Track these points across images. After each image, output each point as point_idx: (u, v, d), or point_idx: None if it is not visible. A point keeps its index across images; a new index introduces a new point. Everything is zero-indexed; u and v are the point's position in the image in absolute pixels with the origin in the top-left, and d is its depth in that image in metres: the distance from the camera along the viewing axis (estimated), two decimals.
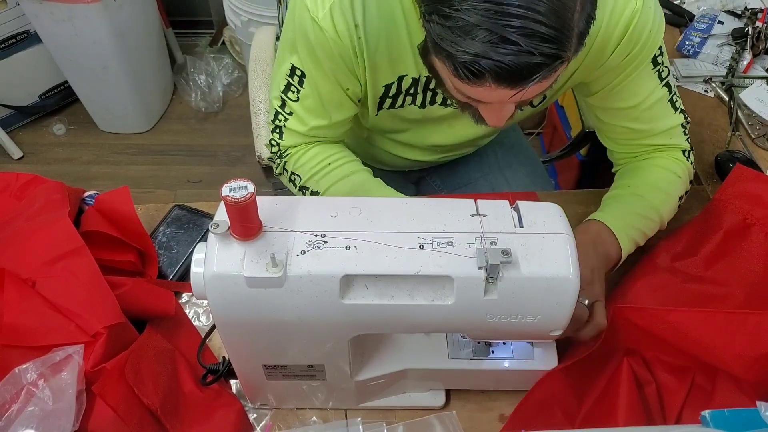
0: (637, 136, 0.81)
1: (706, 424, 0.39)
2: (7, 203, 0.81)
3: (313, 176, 0.82)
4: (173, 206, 0.89)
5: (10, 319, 0.64)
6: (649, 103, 0.78)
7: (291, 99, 0.79)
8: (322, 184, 0.81)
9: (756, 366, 0.58)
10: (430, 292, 0.53)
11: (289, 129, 0.81)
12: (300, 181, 0.83)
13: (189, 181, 2.08)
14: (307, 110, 0.79)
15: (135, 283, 0.73)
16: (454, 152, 1.00)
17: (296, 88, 0.77)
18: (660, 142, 0.81)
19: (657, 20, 0.72)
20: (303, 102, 0.78)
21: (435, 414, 0.62)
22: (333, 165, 0.82)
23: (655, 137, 0.81)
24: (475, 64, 0.51)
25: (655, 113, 0.79)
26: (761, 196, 0.75)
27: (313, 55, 0.73)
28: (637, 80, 0.76)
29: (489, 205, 0.55)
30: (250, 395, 0.70)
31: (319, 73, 0.74)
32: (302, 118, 0.80)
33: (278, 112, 0.81)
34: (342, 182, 0.81)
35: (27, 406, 0.59)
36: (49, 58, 1.98)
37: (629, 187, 0.79)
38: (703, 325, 0.59)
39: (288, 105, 0.80)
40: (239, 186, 0.47)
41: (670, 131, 0.80)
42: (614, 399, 0.63)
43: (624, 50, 0.72)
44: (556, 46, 0.50)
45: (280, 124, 0.82)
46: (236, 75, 2.32)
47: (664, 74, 0.77)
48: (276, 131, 0.83)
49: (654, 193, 0.78)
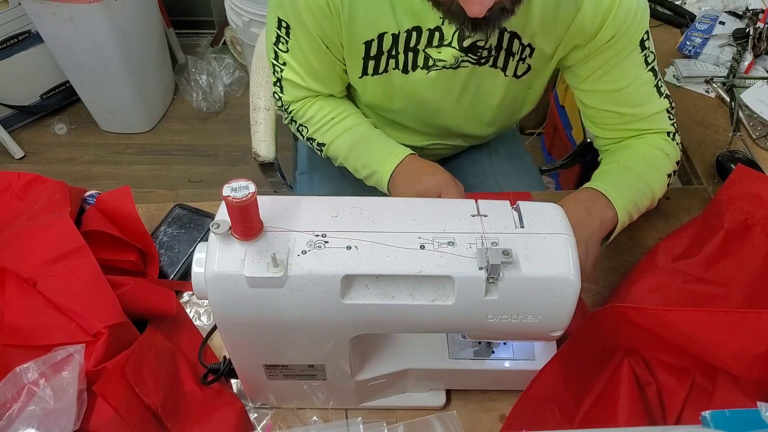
0: (624, 120, 0.81)
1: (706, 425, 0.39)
2: (8, 203, 0.81)
3: (318, 129, 0.88)
4: (174, 206, 0.89)
5: (11, 319, 0.64)
6: (636, 86, 0.78)
7: (282, 50, 0.83)
8: (327, 137, 0.87)
9: (756, 365, 0.58)
10: (431, 292, 0.53)
11: (287, 80, 0.86)
12: (307, 133, 0.90)
13: (190, 180, 2.08)
14: (298, 61, 0.83)
15: (136, 282, 0.74)
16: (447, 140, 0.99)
17: (285, 39, 0.82)
18: (646, 126, 0.82)
19: (642, 3, 0.74)
20: (293, 52, 0.82)
21: (435, 414, 0.62)
22: (336, 119, 0.87)
23: (641, 122, 0.81)
24: None
25: (641, 97, 0.79)
26: (762, 196, 0.75)
27: (296, 9, 0.77)
28: (625, 63, 0.77)
29: (490, 206, 0.56)
30: (250, 395, 0.70)
31: (301, 25, 0.78)
32: (295, 68, 0.84)
33: (274, 64, 0.86)
34: (345, 135, 0.86)
35: (28, 405, 0.59)
36: (50, 57, 1.99)
37: (619, 162, 0.79)
38: (702, 325, 0.59)
39: (280, 56, 0.84)
40: (240, 186, 0.47)
41: (655, 116, 0.81)
42: (615, 399, 0.63)
43: (610, 29, 0.74)
44: None
45: (278, 76, 0.86)
46: (237, 75, 2.32)
47: (650, 59, 0.78)
48: (277, 85, 0.88)
49: (644, 167, 0.78)
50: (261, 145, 1.05)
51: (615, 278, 0.82)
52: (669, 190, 0.95)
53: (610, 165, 0.80)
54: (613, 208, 0.73)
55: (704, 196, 0.94)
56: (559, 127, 1.81)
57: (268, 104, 1.07)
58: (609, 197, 0.73)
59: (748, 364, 0.58)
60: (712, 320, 0.59)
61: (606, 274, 0.83)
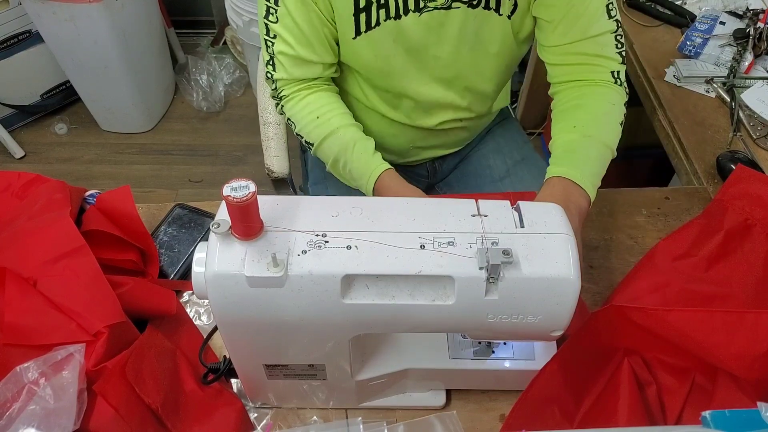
0: (572, 38, 0.82)
1: (706, 425, 0.39)
2: (8, 202, 0.81)
3: (304, 126, 0.88)
4: (174, 205, 0.89)
5: (11, 318, 0.65)
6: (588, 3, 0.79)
7: (271, 22, 0.83)
8: (313, 137, 0.88)
9: (756, 365, 0.58)
10: (431, 292, 0.53)
11: (278, 54, 0.85)
12: (295, 128, 0.90)
13: (190, 180, 2.09)
14: (289, 30, 0.83)
15: (136, 282, 0.74)
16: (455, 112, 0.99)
17: (274, 9, 0.82)
18: (591, 50, 0.82)
19: None
20: (282, 21, 0.82)
21: (436, 414, 0.62)
22: (321, 118, 0.87)
23: (588, 43, 0.82)
24: None
25: (590, 15, 0.80)
26: (762, 196, 0.75)
27: None
28: None
29: (490, 206, 0.56)
30: (250, 394, 0.70)
31: None
32: (285, 38, 0.84)
33: (266, 41, 0.85)
34: (330, 139, 0.86)
35: (28, 404, 0.59)
36: (50, 57, 1.99)
37: (575, 128, 0.79)
38: (702, 325, 0.59)
39: (271, 29, 0.83)
40: (240, 186, 0.47)
41: (601, 38, 0.82)
42: (615, 399, 0.63)
43: None
44: None
45: (270, 52, 0.86)
46: (238, 75, 2.32)
47: None
48: (269, 64, 0.87)
49: (600, 127, 0.79)
50: (274, 161, 1.04)
51: (615, 278, 0.82)
52: (669, 190, 0.95)
53: (568, 134, 0.79)
54: (586, 195, 0.73)
55: (704, 196, 0.94)
56: None
57: (279, 118, 1.06)
58: (580, 184, 0.73)
59: (749, 365, 0.58)
60: (713, 320, 0.59)
61: (606, 274, 0.83)
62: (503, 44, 0.87)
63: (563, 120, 0.83)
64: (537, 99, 1.94)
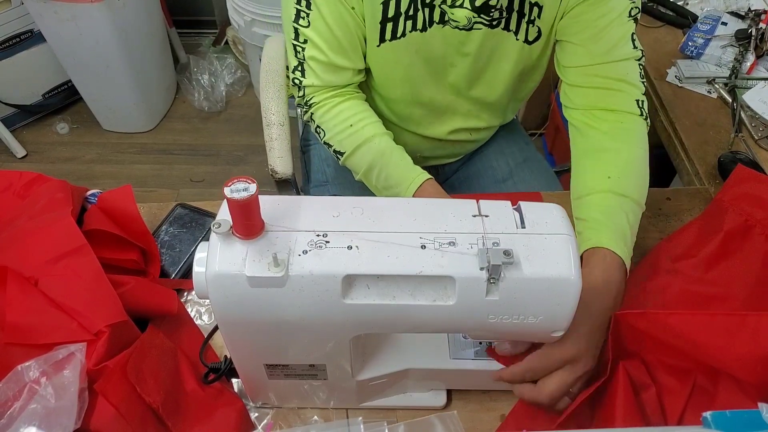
0: (594, 61, 0.80)
1: (707, 426, 0.39)
2: (10, 201, 0.81)
3: (336, 135, 0.86)
4: (176, 205, 0.89)
5: (12, 317, 0.65)
6: (615, 27, 0.78)
7: (302, 26, 0.80)
8: (345, 146, 0.86)
9: (758, 368, 0.58)
10: (432, 293, 0.53)
11: (309, 60, 0.83)
12: (324, 137, 0.88)
13: (191, 180, 2.09)
14: (321, 34, 0.80)
15: (137, 281, 0.74)
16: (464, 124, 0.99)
17: (305, 13, 0.79)
18: (614, 74, 0.79)
19: None
20: (315, 25, 0.80)
21: (436, 414, 0.62)
22: (355, 126, 0.85)
23: (611, 67, 0.79)
24: None
25: (615, 41, 0.78)
26: (763, 197, 0.75)
27: None
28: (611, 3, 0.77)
29: (491, 206, 0.56)
30: (251, 394, 0.70)
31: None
32: (317, 43, 0.81)
33: (295, 45, 0.83)
34: (364, 148, 0.84)
35: (29, 403, 0.59)
36: (52, 57, 1.99)
37: (609, 179, 0.74)
38: (704, 328, 0.59)
39: (301, 33, 0.81)
40: (241, 185, 0.47)
41: (626, 63, 0.79)
42: (611, 404, 0.63)
43: None
44: None
45: (300, 57, 0.83)
46: (239, 75, 2.32)
47: (634, 11, 0.79)
48: (298, 69, 0.85)
49: (634, 183, 0.75)
50: (278, 161, 1.03)
51: None
52: (670, 191, 0.95)
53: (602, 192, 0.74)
54: (624, 268, 0.68)
55: (706, 196, 0.94)
56: (560, 128, 1.81)
57: (282, 119, 1.05)
58: (622, 257, 0.68)
59: (751, 367, 0.58)
60: (714, 323, 0.59)
61: None
62: (518, 63, 0.87)
63: (594, 167, 0.77)
64: (538, 100, 1.94)
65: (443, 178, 1.16)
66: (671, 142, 1.05)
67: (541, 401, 0.63)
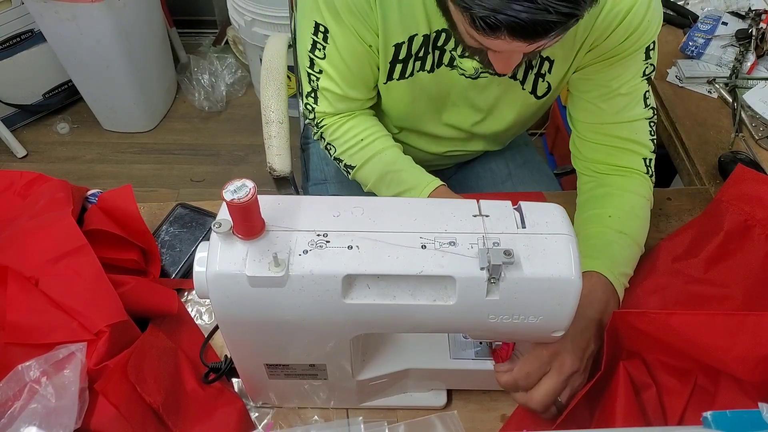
0: (604, 120, 0.80)
1: (707, 426, 0.39)
2: (11, 201, 0.81)
3: (347, 150, 0.86)
4: (176, 205, 0.89)
5: (13, 317, 0.65)
6: (627, 89, 0.78)
7: (318, 57, 0.80)
8: (356, 159, 0.86)
9: (759, 368, 0.58)
10: (432, 293, 0.53)
11: (323, 90, 0.84)
12: (335, 152, 0.88)
13: (192, 180, 2.09)
14: (336, 68, 0.81)
15: (137, 281, 0.74)
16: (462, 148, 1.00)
17: (322, 45, 0.79)
18: (625, 134, 0.80)
19: (657, 12, 0.73)
20: (330, 59, 0.80)
21: (437, 414, 0.62)
22: (366, 141, 0.85)
23: (621, 127, 0.80)
24: (491, 17, 0.52)
25: (627, 101, 0.79)
26: (762, 197, 0.75)
27: (333, 9, 0.75)
28: (626, 64, 0.76)
29: (491, 206, 0.55)
30: (251, 394, 0.70)
31: (341, 26, 0.76)
32: (332, 76, 0.82)
33: (309, 74, 0.83)
34: (375, 160, 0.85)
35: (30, 403, 0.59)
36: (53, 57, 1.99)
37: (610, 218, 0.76)
38: (705, 328, 0.59)
39: (317, 63, 0.81)
40: (241, 186, 0.47)
41: (636, 123, 0.80)
42: (612, 404, 0.63)
43: (622, 35, 0.73)
44: (571, 6, 0.51)
45: (313, 86, 0.84)
46: (239, 74, 2.32)
47: (648, 70, 0.78)
48: (311, 96, 0.86)
49: (635, 225, 0.76)
50: (276, 159, 1.03)
51: None
52: (671, 191, 0.95)
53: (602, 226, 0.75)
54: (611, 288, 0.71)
55: (706, 197, 0.94)
56: (561, 128, 1.81)
57: (281, 116, 1.05)
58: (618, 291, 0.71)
59: (752, 367, 0.58)
60: (715, 323, 0.59)
61: None
62: (522, 111, 0.88)
63: (596, 204, 0.79)
64: None
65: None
66: (672, 142, 1.05)
67: (533, 408, 0.63)
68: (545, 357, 0.62)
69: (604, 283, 0.70)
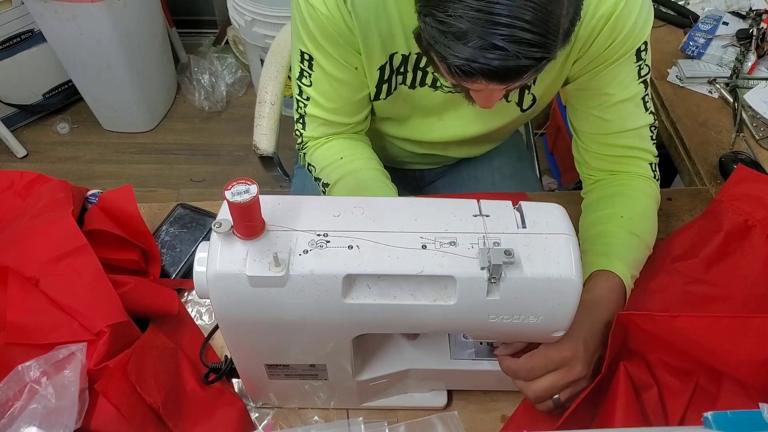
0: (607, 131, 0.80)
1: (708, 426, 0.39)
2: (11, 201, 0.81)
3: (325, 168, 0.84)
4: (176, 205, 0.89)
5: (13, 317, 0.65)
6: (624, 96, 0.77)
7: (305, 84, 0.81)
8: (332, 176, 0.83)
9: (763, 370, 0.57)
10: (433, 292, 0.53)
11: (310, 116, 0.84)
12: (315, 172, 0.86)
13: (192, 180, 2.09)
14: (322, 94, 0.81)
15: (138, 281, 0.74)
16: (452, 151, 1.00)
17: (308, 73, 0.80)
18: (628, 143, 0.80)
19: (644, 13, 0.72)
20: (316, 86, 0.80)
21: (437, 414, 0.62)
22: (345, 159, 0.84)
23: (625, 136, 0.80)
24: (466, 66, 0.54)
25: (627, 109, 0.78)
26: (763, 197, 0.75)
27: (313, 38, 0.75)
28: (617, 69, 0.76)
29: (492, 206, 0.56)
30: (252, 394, 0.70)
31: (323, 54, 0.76)
32: (319, 102, 0.82)
33: (298, 100, 0.84)
34: (349, 177, 0.82)
35: (30, 403, 0.59)
36: (53, 57, 1.99)
37: (622, 219, 0.76)
38: (708, 330, 0.59)
39: (304, 91, 0.82)
40: (242, 188, 0.47)
41: (639, 131, 0.80)
42: (612, 404, 0.63)
43: (606, 39, 0.73)
44: (542, 50, 0.53)
45: (301, 111, 0.84)
46: (240, 74, 2.32)
47: (643, 72, 0.77)
48: (300, 121, 0.86)
49: (645, 227, 0.76)
50: (262, 138, 1.04)
51: None
52: (671, 191, 0.95)
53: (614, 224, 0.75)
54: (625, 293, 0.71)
55: (707, 197, 0.94)
56: (561, 128, 1.81)
57: (274, 98, 1.06)
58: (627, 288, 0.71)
59: (755, 370, 0.58)
60: (719, 326, 0.59)
61: None
62: (507, 119, 0.87)
63: (607, 204, 0.79)
64: None
65: (428, 181, 1.15)
66: (672, 142, 1.05)
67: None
68: (555, 359, 0.62)
69: (620, 285, 0.70)
